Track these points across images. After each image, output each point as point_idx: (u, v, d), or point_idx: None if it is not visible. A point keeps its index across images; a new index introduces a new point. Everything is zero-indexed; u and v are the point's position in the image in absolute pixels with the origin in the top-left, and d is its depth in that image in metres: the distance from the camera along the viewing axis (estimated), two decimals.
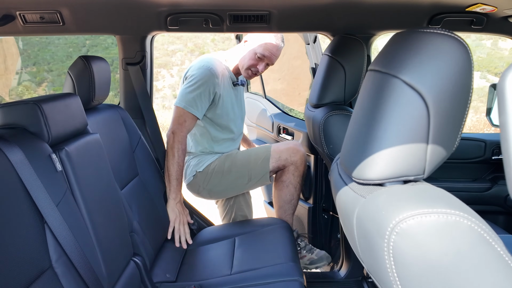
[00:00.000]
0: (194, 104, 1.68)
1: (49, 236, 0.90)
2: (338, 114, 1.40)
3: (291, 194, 1.82)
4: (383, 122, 0.64)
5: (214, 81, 1.72)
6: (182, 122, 1.67)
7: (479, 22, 1.56)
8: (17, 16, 1.51)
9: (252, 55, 1.79)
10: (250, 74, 1.83)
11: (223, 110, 1.82)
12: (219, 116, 1.82)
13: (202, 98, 1.70)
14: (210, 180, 1.82)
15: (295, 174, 1.79)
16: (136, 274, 1.25)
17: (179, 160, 1.67)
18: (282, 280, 1.30)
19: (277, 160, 1.78)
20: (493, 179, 1.90)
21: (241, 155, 1.85)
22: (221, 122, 1.83)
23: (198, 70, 1.72)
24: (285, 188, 1.81)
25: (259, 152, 1.82)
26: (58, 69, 14.71)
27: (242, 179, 1.80)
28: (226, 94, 1.82)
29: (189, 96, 1.68)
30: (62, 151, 1.00)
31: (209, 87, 1.70)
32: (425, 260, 0.51)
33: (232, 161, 1.82)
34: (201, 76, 1.70)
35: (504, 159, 0.47)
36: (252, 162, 1.79)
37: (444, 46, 0.60)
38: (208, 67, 1.72)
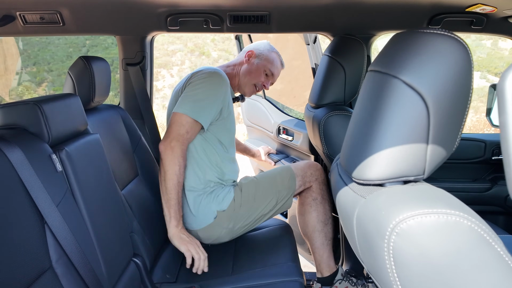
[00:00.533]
0: (201, 111, 1.42)
1: (49, 237, 0.90)
2: (338, 114, 1.41)
3: (328, 211, 1.63)
4: (383, 122, 0.64)
5: (226, 89, 1.51)
6: (183, 132, 1.40)
7: (479, 22, 1.56)
8: (17, 16, 1.51)
9: (261, 71, 1.69)
10: (253, 90, 1.72)
11: (232, 125, 1.61)
12: (228, 131, 1.59)
13: (212, 106, 1.45)
14: (238, 216, 1.53)
15: (323, 188, 1.64)
16: (136, 274, 1.25)
17: (180, 179, 1.41)
18: (282, 280, 1.30)
19: (303, 177, 1.62)
20: (493, 180, 1.90)
21: (264, 177, 1.63)
22: (227, 139, 1.59)
23: (209, 75, 1.48)
24: (320, 206, 1.61)
25: (282, 172, 1.62)
26: (58, 69, 14.71)
27: (270, 204, 1.57)
28: (231, 109, 1.62)
29: (196, 103, 1.42)
30: (62, 152, 1.00)
31: (222, 95, 1.48)
32: (425, 260, 0.51)
33: (255, 187, 1.58)
34: (214, 81, 1.47)
35: (504, 160, 0.47)
36: (278, 183, 1.58)
37: (444, 47, 0.60)
38: (220, 73, 1.51)
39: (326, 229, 1.61)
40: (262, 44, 1.75)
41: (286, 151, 2.32)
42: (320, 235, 1.60)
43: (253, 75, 1.69)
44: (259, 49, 1.72)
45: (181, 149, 1.39)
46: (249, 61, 1.70)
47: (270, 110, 2.46)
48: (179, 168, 1.39)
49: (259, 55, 1.70)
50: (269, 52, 1.72)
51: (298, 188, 1.61)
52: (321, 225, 1.60)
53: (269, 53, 1.71)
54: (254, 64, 1.69)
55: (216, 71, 1.50)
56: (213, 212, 1.51)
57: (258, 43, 1.76)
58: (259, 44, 1.76)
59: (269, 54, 1.71)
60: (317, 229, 1.60)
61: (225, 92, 1.50)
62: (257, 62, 1.69)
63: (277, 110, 2.45)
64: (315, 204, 1.61)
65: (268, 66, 1.70)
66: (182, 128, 1.40)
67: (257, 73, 1.69)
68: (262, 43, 1.75)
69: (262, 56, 1.70)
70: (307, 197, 1.63)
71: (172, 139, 1.39)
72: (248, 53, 1.71)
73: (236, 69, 1.72)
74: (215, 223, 1.50)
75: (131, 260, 1.25)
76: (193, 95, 1.44)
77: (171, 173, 1.38)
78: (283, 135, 2.26)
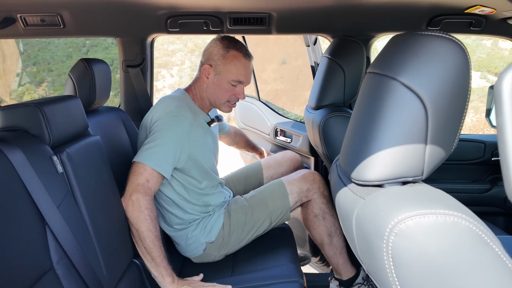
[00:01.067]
0: (158, 158, 1.27)
1: (50, 238, 0.90)
2: (337, 115, 1.41)
3: (333, 224, 1.52)
4: (382, 123, 0.64)
5: (185, 129, 1.34)
6: (143, 182, 1.24)
7: (478, 24, 1.56)
8: (18, 18, 1.52)
9: (226, 86, 1.41)
10: (230, 106, 1.48)
11: (203, 157, 1.44)
12: (199, 167, 1.43)
13: (170, 154, 1.30)
14: (229, 243, 1.48)
15: (324, 201, 1.52)
16: (136, 275, 1.25)
17: (157, 232, 1.25)
18: (283, 281, 1.30)
19: (299, 193, 1.50)
20: (493, 180, 1.91)
21: (254, 199, 1.52)
22: (201, 173, 1.44)
23: (167, 123, 1.32)
24: (323, 221, 1.52)
25: (274, 191, 1.52)
26: (58, 69, 14.70)
27: (263, 225, 1.50)
28: (201, 141, 1.44)
29: (153, 150, 1.28)
30: (63, 153, 1.00)
31: (179, 143, 1.33)
32: (423, 260, 0.52)
33: (245, 212, 1.49)
34: (171, 127, 1.32)
35: (501, 161, 0.48)
36: (270, 204, 1.49)
37: (442, 49, 0.61)
38: (176, 114, 1.34)
39: (335, 240, 1.53)
40: (213, 48, 1.43)
41: None
42: (330, 247, 1.53)
43: (219, 93, 1.43)
44: (212, 59, 1.42)
45: (145, 200, 1.23)
46: (209, 79, 1.43)
47: (265, 112, 2.44)
48: (150, 221, 1.23)
49: (215, 68, 1.41)
50: (224, 57, 1.40)
51: (294, 204, 1.52)
52: (328, 238, 1.53)
53: (225, 59, 1.40)
54: (215, 81, 1.42)
55: (170, 113, 1.33)
56: (202, 244, 1.45)
57: (208, 48, 1.45)
58: (210, 50, 1.44)
59: (225, 61, 1.40)
60: (325, 242, 1.53)
61: (184, 131, 1.34)
62: (217, 78, 1.41)
63: (273, 112, 2.43)
64: (317, 220, 1.52)
65: (231, 78, 1.41)
66: (140, 177, 1.25)
67: (222, 90, 1.42)
68: (213, 46, 1.43)
69: (219, 68, 1.41)
70: (308, 213, 1.54)
71: (132, 192, 1.23)
72: (204, 71, 1.43)
73: (200, 88, 1.47)
74: (205, 254, 1.46)
75: (131, 262, 1.25)
76: (152, 145, 1.29)
77: (144, 231, 1.22)
78: (280, 137, 2.25)
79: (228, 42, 1.42)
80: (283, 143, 2.22)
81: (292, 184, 1.51)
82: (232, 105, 1.49)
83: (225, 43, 1.42)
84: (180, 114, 1.35)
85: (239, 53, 1.41)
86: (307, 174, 1.55)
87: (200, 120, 1.46)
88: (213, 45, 1.43)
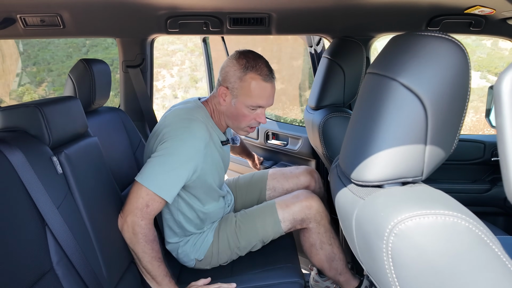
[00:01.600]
0: (165, 183, 1.18)
1: (50, 239, 0.90)
2: (337, 116, 1.41)
3: (331, 251, 1.44)
4: (381, 124, 0.64)
5: (201, 148, 1.23)
6: (142, 206, 1.17)
7: (477, 24, 1.56)
8: (18, 19, 1.52)
9: (244, 110, 1.29)
10: (251, 130, 1.37)
11: (212, 179, 1.36)
12: (205, 186, 1.35)
13: (178, 179, 1.21)
14: (217, 261, 1.45)
15: (321, 230, 1.42)
16: (136, 276, 1.25)
17: (154, 252, 1.19)
18: (282, 282, 1.31)
19: (292, 222, 1.41)
20: (493, 180, 1.90)
21: (244, 224, 1.43)
22: (205, 193, 1.37)
23: (182, 133, 1.21)
24: (320, 251, 1.44)
25: (265, 217, 1.42)
26: (58, 69, 14.71)
27: (255, 248, 1.45)
28: (214, 161, 1.34)
29: (160, 170, 1.18)
30: (62, 154, 1.01)
31: (194, 160, 1.23)
32: (423, 261, 0.52)
33: (234, 234, 1.42)
34: (182, 150, 1.20)
35: (501, 161, 0.48)
36: (259, 230, 1.41)
37: (442, 49, 0.61)
38: (194, 135, 1.22)
39: (335, 264, 1.45)
40: (229, 68, 1.28)
41: (276, 157, 2.23)
42: (330, 270, 1.47)
43: (238, 118, 1.32)
44: (229, 81, 1.28)
45: (140, 225, 1.16)
46: (225, 102, 1.31)
47: None
48: (145, 243, 1.17)
49: (232, 91, 1.28)
50: (242, 79, 1.26)
51: (287, 230, 1.43)
52: (327, 264, 1.45)
53: (244, 81, 1.26)
54: (233, 106, 1.30)
55: (190, 127, 1.23)
56: (192, 260, 1.44)
57: (225, 67, 1.30)
58: (226, 69, 1.29)
59: (244, 84, 1.26)
60: (324, 267, 1.47)
61: (199, 152, 1.23)
62: (235, 102, 1.29)
63: None
64: (314, 249, 1.44)
65: (249, 102, 1.28)
66: (140, 201, 1.16)
67: (240, 114, 1.30)
68: (229, 65, 1.29)
69: (237, 91, 1.27)
70: (305, 241, 1.45)
71: (128, 214, 1.16)
72: (220, 93, 1.30)
73: (216, 106, 1.35)
74: (195, 269, 1.46)
75: (131, 262, 1.25)
76: (159, 162, 1.19)
77: (139, 252, 1.18)
78: (272, 140, 2.18)
79: (246, 62, 1.27)
80: (277, 147, 2.15)
81: (285, 211, 1.41)
82: (251, 129, 1.37)
83: (242, 62, 1.27)
84: (195, 129, 1.23)
85: (258, 76, 1.26)
86: (303, 200, 1.41)
87: (215, 139, 1.35)
88: (230, 65, 1.29)
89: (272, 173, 1.72)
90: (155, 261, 1.19)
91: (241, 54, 1.29)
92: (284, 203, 1.43)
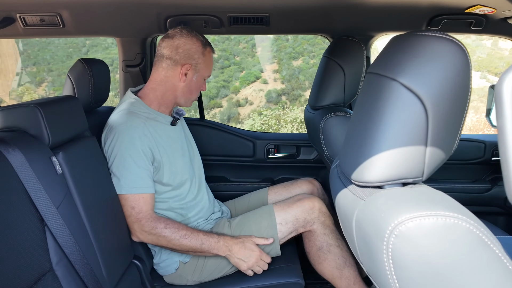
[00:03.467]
0: (131, 180, 1.22)
1: (50, 239, 0.90)
2: (337, 116, 1.41)
3: (341, 255, 1.36)
4: (382, 124, 0.64)
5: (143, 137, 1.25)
6: (137, 212, 1.22)
7: (478, 23, 1.56)
8: (17, 18, 1.51)
9: (201, 82, 1.40)
10: (194, 100, 1.44)
11: (175, 160, 1.35)
12: (173, 172, 1.34)
13: (140, 169, 1.24)
14: (203, 270, 1.35)
15: (326, 231, 1.37)
16: (136, 276, 1.25)
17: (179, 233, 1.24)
18: (283, 282, 1.30)
19: (294, 223, 1.36)
20: (493, 180, 1.90)
21: (237, 228, 1.39)
22: (176, 179, 1.36)
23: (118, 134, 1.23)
24: (329, 255, 1.37)
25: (260, 218, 1.38)
26: (58, 69, 14.73)
27: None
28: (166, 145, 1.33)
29: (121, 174, 1.22)
30: (62, 154, 1.00)
31: (142, 152, 1.24)
32: (423, 263, 0.52)
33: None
34: (125, 140, 1.22)
35: (502, 162, 0.47)
36: (254, 233, 1.36)
37: (442, 49, 0.61)
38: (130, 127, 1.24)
39: (346, 271, 1.37)
40: (190, 45, 1.33)
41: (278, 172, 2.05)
42: (341, 280, 1.37)
43: (194, 91, 1.39)
44: (193, 57, 1.33)
45: (143, 225, 1.23)
46: (186, 78, 1.34)
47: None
48: (165, 234, 1.23)
49: (196, 66, 1.34)
50: (203, 54, 1.35)
51: (288, 235, 1.38)
52: (338, 272, 1.36)
53: (205, 56, 1.35)
54: (194, 80, 1.36)
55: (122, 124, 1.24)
56: (175, 262, 1.36)
57: (182, 46, 1.32)
58: (185, 48, 1.32)
59: (205, 58, 1.36)
60: (335, 276, 1.37)
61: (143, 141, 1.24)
62: (197, 77, 1.37)
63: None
64: (322, 254, 1.37)
65: (207, 74, 1.40)
66: (126, 209, 1.23)
67: (197, 88, 1.40)
68: (189, 43, 1.33)
69: (200, 66, 1.35)
70: (311, 246, 1.39)
71: (130, 226, 1.25)
72: (182, 72, 1.33)
73: (163, 90, 1.35)
74: (177, 274, 1.36)
75: (131, 262, 1.25)
76: (116, 168, 1.22)
77: (166, 244, 1.25)
78: (275, 154, 1.99)
79: (202, 38, 1.36)
80: (284, 160, 2.01)
81: (287, 212, 1.37)
82: (195, 99, 1.46)
83: (199, 39, 1.34)
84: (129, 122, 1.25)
85: (211, 50, 1.39)
86: (304, 201, 1.39)
87: (160, 126, 1.34)
88: (189, 43, 1.32)
89: (272, 187, 1.68)
90: (184, 239, 1.24)
91: (189, 31, 1.34)
92: (285, 205, 1.40)
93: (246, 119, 13.43)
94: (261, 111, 13.05)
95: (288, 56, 15.54)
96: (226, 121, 13.44)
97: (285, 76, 15.08)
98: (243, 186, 1.93)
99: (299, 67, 15.09)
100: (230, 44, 16.68)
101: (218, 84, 15.22)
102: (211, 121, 2.05)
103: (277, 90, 14.54)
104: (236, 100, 14.79)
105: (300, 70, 14.97)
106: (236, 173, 2.04)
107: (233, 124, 11.01)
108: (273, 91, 14.52)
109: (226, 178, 2.03)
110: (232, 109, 14.22)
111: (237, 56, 17.01)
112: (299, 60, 15.40)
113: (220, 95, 14.95)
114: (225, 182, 2.00)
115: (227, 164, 2.04)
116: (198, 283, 1.37)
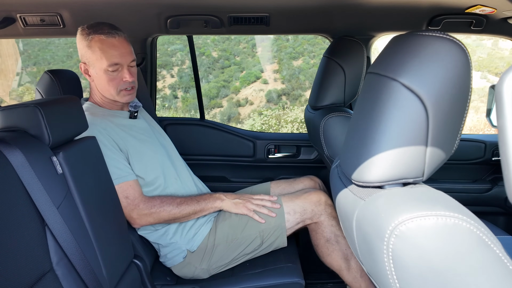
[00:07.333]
0: (115, 172, 1.26)
1: (50, 239, 0.90)
2: (338, 116, 1.40)
3: (348, 246, 1.39)
4: (382, 124, 0.64)
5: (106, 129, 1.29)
6: (124, 202, 1.29)
7: (478, 23, 1.56)
8: (18, 18, 1.52)
9: (106, 75, 1.30)
10: (127, 92, 1.36)
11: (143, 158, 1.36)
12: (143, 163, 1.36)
13: (117, 159, 1.28)
14: (212, 257, 1.38)
15: (333, 223, 1.40)
16: (136, 276, 1.25)
17: (175, 204, 1.33)
18: (283, 282, 1.30)
19: (302, 214, 1.38)
20: (493, 180, 1.90)
21: (245, 216, 1.41)
22: (149, 171, 1.37)
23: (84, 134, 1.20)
24: (337, 245, 1.39)
25: None
26: None
27: (252, 244, 1.39)
28: (129, 136, 1.35)
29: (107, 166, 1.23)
30: (62, 154, 1.00)
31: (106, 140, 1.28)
32: (424, 263, 0.52)
33: (233, 226, 1.40)
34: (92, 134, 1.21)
35: (502, 162, 0.47)
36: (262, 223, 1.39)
37: (443, 49, 0.61)
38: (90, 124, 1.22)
39: (353, 263, 1.39)
40: (78, 43, 1.32)
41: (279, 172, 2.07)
42: (349, 272, 1.40)
43: (107, 86, 1.32)
44: (83, 55, 1.31)
45: (140, 209, 1.29)
46: (91, 76, 1.34)
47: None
48: (165, 208, 1.31)
49: (89, 62, 1.31)
50: (89, 46, 1.28)
51: (295, 225, 1.40)
52: (345, 263, 1.39)
53: (91, 47, 1.28)
54: (97, 76, 1.32)
55: None
56: (183, 251, 1.38)
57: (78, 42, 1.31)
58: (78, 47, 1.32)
59: (92, 49, 1.28)
60: (343, 267, 1.40)
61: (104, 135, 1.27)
62: (96, 71, 1.31)
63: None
64: (330, 245, 1.40)
65: (104, 65, 1.28)
66: (128, 199, 1.29)
67: (106, 81, 1.31)
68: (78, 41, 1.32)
69: (91, 60, 1.30)
70: (319, 238, 1.42)
71: (131, 213, 1.30)
72: (83, 71, 1.35)
73: (96, 91, 1.37)
74: (186, 263, 1.39)
75: (131, 262, 1.25)
76: None
77: (169, 215, 1.33)
78: (276, 154, 2.00)
79: (87, 29, 1.29)
80: (284, 160, 2.01)
81: (295, 203, 1.40)
82: (129, 92, 1.36)
83: (85, 32, 1.29)
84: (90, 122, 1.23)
85: (100, 36, 1.27)
86: (311, 194, 1.42)
87: (120, 121, 1.37)
88: (78, 41, 1.31)
89: (275, 182, 1.70)
90: (182, 206, 1.34)
91: (81, 28, 1.32)
92: (293, 196, 1.44)
93: (246, 119, 13.43)
94: (262, 111, 13.06)
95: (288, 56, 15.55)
96: (227, 121, 13.44)
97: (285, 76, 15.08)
98: (244, 186, 1.94)
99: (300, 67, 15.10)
100: (231, 44, 16.69)
101: (219, 84, 15.22)
102: (211, 121, 2.05)
103: (277, 90, 14.55)
104: (236, 100, 14.80)
105: (300, 70, 14.97)
106: (236, 173, 2.04)
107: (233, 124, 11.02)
108: (273, 91, 14.52)
109: (226, 178, 2.04)
110: (232, 109, 14.23)
111: (238, 56, 17.02)
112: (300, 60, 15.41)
113: (220, 95, 14.96)
114: (225, 182, 2.01)
115: (227, 164, 2.04)
116: (206, 269, 1.40)
